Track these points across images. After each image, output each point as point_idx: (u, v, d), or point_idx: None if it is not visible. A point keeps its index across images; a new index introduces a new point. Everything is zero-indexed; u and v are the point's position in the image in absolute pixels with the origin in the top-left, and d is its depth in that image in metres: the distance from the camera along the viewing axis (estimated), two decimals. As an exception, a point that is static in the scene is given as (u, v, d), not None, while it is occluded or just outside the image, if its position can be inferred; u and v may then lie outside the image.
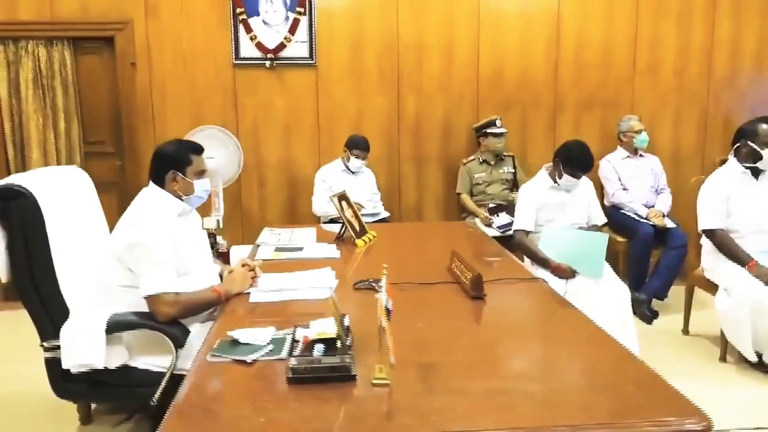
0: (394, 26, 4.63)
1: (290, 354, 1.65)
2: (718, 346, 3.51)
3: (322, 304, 2.16)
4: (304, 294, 2.22)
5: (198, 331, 2.13)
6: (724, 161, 4.91)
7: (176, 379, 2.07)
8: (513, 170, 4.63)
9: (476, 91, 4.76)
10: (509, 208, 4.46)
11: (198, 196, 2.29)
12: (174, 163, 2.23)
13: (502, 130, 4.51)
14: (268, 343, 1.74)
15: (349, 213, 3.11)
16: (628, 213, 4.41)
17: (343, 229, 3.16)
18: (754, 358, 3.26)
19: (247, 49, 4.54)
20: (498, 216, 4.35)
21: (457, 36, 4.69)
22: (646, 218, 4.31)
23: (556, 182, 3.46)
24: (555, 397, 1.49)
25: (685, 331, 3.87)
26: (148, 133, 4.61)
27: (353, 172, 4.45)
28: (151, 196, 2.22)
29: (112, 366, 2.05)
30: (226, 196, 4.48)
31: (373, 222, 4.09)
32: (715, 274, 3.47)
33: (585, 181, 3.52)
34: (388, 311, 1.58)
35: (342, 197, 3.15)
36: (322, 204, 4.41)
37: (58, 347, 2.05)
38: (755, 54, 4.90)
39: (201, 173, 2.29)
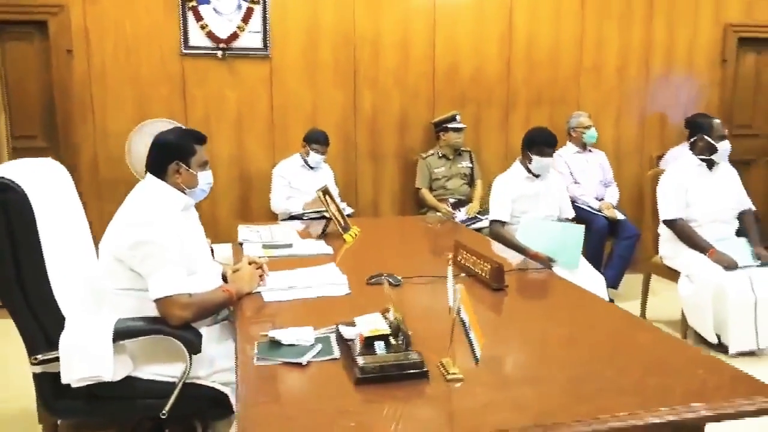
0: (350, 19, 4.53)
1: (345, 353, 1.55)
2: (675, 330, 3.68)
3: (342, 301, 2.06)
4: (319, 291, 2.11)
5: (205, 336, 1.96)
6: (660, 157, 5.21)
7: (188, 389, 1.92)
8: (471, 165, 4.66)
9: (432, 87, 4.75)
10: (469, 203, 4.50)
11: (201, 188, 2.11)
12: (177, 153, 2.04)
13: (462, 125, 4.53)
14: (314, 344, 1.62)
15: (333, 208, 2.99)
16: (581, 206, 4.54)
17: (327, 224, 3.04)
18: (714, 340, 3.44)
19: (197, 38, 4.29)
20: (460, 211, 4.37)
21: (413, 31, 4.66)
22: (598, 210, 4.47)
23: (530, 173, 3.50)
24: (629, 383, 1.47)
25: (643, 316, 4.03)
26: (86, 127, 4.26)
27: (312, 168, 4.31)
28: (152, 190, 2.01)
29: (117, 378, 1.84)
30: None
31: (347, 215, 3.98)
32: (677, 261, 3.64)
33: (555, 174, 3.59)
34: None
35: (326, 192, 3.03)
36: (281, 201, 4.24)
37: (52, 360, 1.82)
38: (686, 54, 5.20)
39: (204, 164, 2.11)
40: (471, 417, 1.30)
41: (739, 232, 3.65)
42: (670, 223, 3.61)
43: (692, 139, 3.67)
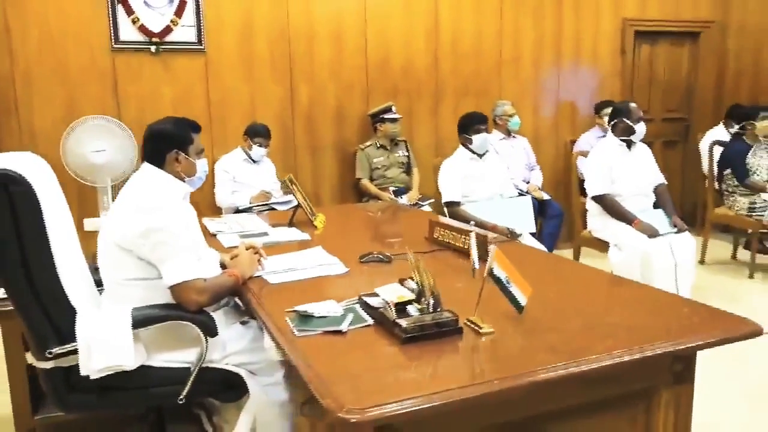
0: (284, 13, 4.57)
1: (379, 319, 1.66)
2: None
3: (343, 278, 2.15)
4: (319, 271, 2.19)
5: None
6: (573, 142, 5.64)
7: (202, 373, 1.95)
8: (407, 154, 4.84)
9: (366, 80, 4.89)
10: (408, 190, 4.69)
11: (199, 176, 2.13)
12: (176, 142, 2.05)
13: (398, 115, 4.70)
14: (344, 314, 1.72)
15: (300, 196, 3.06)
16: (511, 189, 4.87)
17: (295, 211, 3.10)
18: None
19: (128, 32, 4.17)
20: (401, 198, 4.54)
21: (346, 25, 4.77)
22: (527, 192, 4.79)
23: (474, 153, 3.73)
24: (630, 324, 1.69)
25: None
26: (10, 126, 4.03)
27: (255, 161, 4.33)
28: (153, 179, 2.01)
29: (133, 367, 1.84)
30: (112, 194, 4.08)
31: (288, 209, 4.03)
32: (606, 233, 4.00)
33: (496, 156, 3.84)
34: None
35: (292, 180, 3.09)
36: (227, 195, 4.24)
37: (66, 354, 1.79)
38: (591, 46, 5.66)
39: (201, 152, 2.13)
40: (515, 360, 1.46)
41: (655, 205, 4.08)
42: (598, 198, 3.96)
43: (613, 122, 4.04)
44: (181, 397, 1.93)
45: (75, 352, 1.80)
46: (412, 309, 1.65)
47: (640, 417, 1.61)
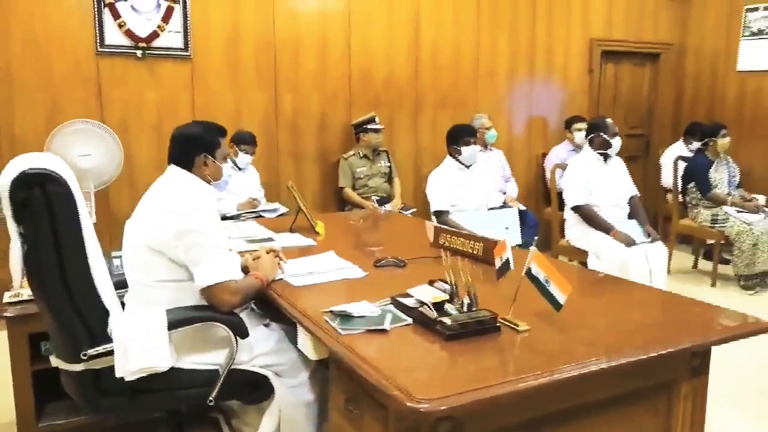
0: (270, 22, 4.61)
1: (417, 318, 1.73)
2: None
3: (363, 282, 2.21)
4: (339, 275, 2.24)
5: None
6: (544, 155, 5.84)
7: (230, 374, 1.97)
8: (389, 164, 4.93)
9: (349, 90, 4.96)
10: (390, 200, 4.78)
11: (225, 180, 2.16)
12: (205, 146, 2.07)
13: (381, 126, 4.79)
14: (381, 314, 1.78)
15: (300, 203, 3.10)
16: (488, 199, 5.01)
17: (296, 217, 3.13)
18: (619, 307, 4.01)
19: (114, 37, 4.13)
20: (385, 207, 4.62)
21: (330, 36, 4.84)
22: (504, 203, 4.94)
23: (461, 164, 3.85)
24: (651, 323, 1.81)
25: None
26: (-11, 130, 3.92)
27: (241, 169, 4.33)
28: (184, 181, 2.03)
29: (167, 368, 1.85)
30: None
31: (276, 216, 4.05)
32: (584, 242, 4.18)
33: (482, 167, 3.97)
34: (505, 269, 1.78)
35: (292, 187, 3.13)
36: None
37: (102, 355, 1.79)
38: (562, 64, 5.90)
39: (226, 157, 2.16)
40: (556, 355, 1.55)
41: (629, 215, 4.28)
42: (578, 209, 4.13)
43: (590, 137, 4.23)
44: (211, 398, 1.94)
45: (109, 353, 1.80)
46: (450, 308, 1.72)
47: (662, 408, 1.73)
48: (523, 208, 5.02)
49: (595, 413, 1.62)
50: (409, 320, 1.74)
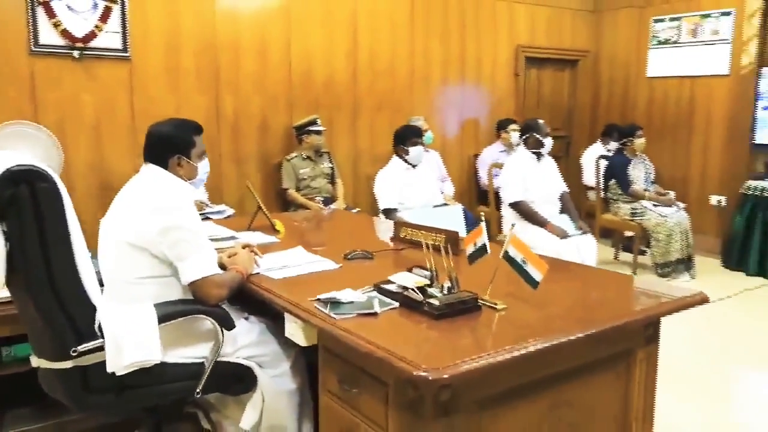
0: (210, 24, 4.60)
1: (403, 302, 1.85)
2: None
3: (337, 273, 2.30)
4: (313, 267, 2.32)
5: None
6: (476, 156, 6.10)
7: (215, 367, 2.01)
8: (331, 165, 5.02)
9: (289, 93, 5.01)
10: (333, 200, 4.87)
11: (201, 178, 2.19)
12: (179, 146, 2.10)
13: (322, 128, 4.87)
14: (368, 299, 1.88)
15: (260, 202, 3.14)
16: (427, 198, 5.19)
17: (255, 216, 3.17)
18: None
19: (49, 36, 4.00)
20: (330, 207, 4.70)
21: (271, 39, 4.88)
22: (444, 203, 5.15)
23: (408, 163, 4.00)
24: (607, 301, 2.01)
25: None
26: None
27: (185, 172, 4.29)
28: (163, 179, 2.05)
29: (159, 361, 1.87)
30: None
31: (224, 218, 4.05)
32: (521, 236, 4.35)
33: (427, 166, 4.14)
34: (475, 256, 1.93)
35: (250, 186, 3.16)
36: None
37: (91, 351, 1.79)
38: (490, 69, 6.19)
39: (203, 154, 2.19)
40: (534, 328, 1.71)
41: (561, 210, 4.58)
42: (515, 205, 4.39)
43: (525, 137, 4.50)
44: (198, 391, 1.98)
45: (99, 349, 1.80)
46: (433, 291, 1.85)
47: (623, 372, 1.92)
48: (461, 207, 5.24)
49: (569, 379, 1.78)
50: (396, 304, 1.86)
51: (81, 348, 1.77)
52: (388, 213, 3.91)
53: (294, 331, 1.92)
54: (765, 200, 5.34)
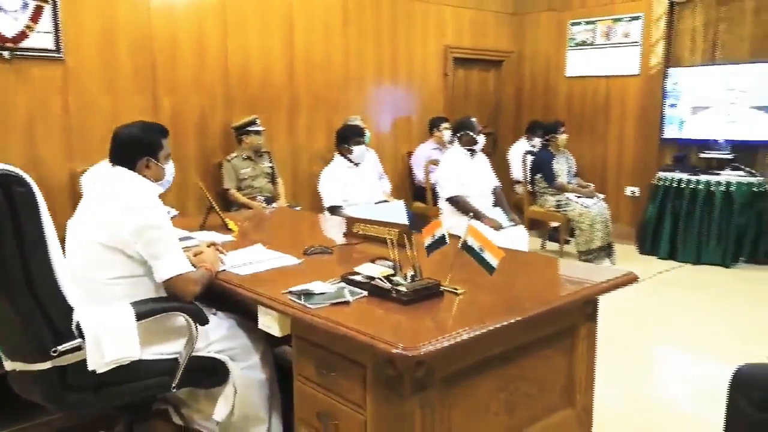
0: (146, 23, 4.56)
1: (372, 291, 1.99)
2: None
3: (300, 268, 2.41)
4: (276, 263, 2.42)
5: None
6: (410, 153, 6.31)
7: (189, 361, 2.09)
8: (271, 165, 5.08)
9: (227, 92, 5.03)
10: (275, 200, 4.94)
11: (167, 180, 2.24)
12: (147, 149, 2.15)
13: (262, 128, 4.93)
14: (338, 290, 2.01)
15: (213, 202, 3.19)
16: (366, 195, 5.34)
17: (207, 215, 3.22)
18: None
19: (-24, 36, 3.87)
20: (272, 206, 4.77)
21: (207, 39, 4.88)
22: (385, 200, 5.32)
23: (351, 162, 4.14)
24: (550, 282, 2.23)
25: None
26: None
27: (124, 173, 4.25)
28: (132, 180, 2.09)
29: (139, 357, 1.93)
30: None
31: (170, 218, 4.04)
32: (458, 229, 4.52)
33: (369, 164, 4.29)
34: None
35: (201, 186, 3.20)
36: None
37: (70, 351, 1.83)
38: (421, 69, 6.42)
39: (168, 156, 2.25)
40: (492, 309, 1.90)
41: (494, 204, 4.84)
42: (452, 200, 4.61)
43: (459, 135, 4.73)
44: (174, 385, 2.05)
45: (77, 349, 1.84)
46: (399, 279, 2.00)
47: (567, 347, 2.15)
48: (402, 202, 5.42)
49: (522, 354, 1.98)
50: (365, 293, 1.99)
51: (62, 348, 1.81)
52: (334, 210, 4.03)
53: (268, 322, 2.02)
54: (674, 190, 5.83)
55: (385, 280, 1.99)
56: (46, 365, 1.84)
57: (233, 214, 4.63)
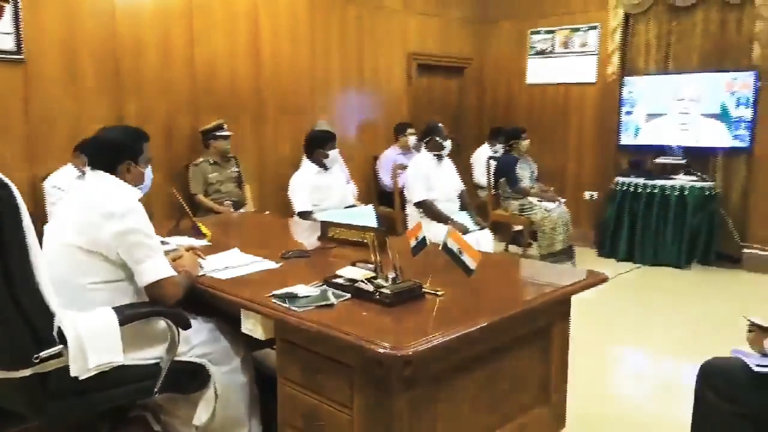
0: (110, 26, 4.49)
1: (355, 293, 2.03)
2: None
3: (279, 271, 2.43)
4: (255, 267, 2.44)
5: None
6: (376, 157, 6.36)
7: (170, 366, 2.08)
8: (238, 169, 5.05)
9: (194, 96, 4.99)
10: (243, 204, 4.92)
11: (146, 184, 2.23)
12: (128, 153, 2.14)
13: (229, 132, 4.90)
14: (322, 293, 2.04)
15: (186, 207, 3.17)
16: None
17: (179, 221, 3.19)
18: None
19: (-67, 37, 3.75)
20: (240, 211, 4.75)
21: (174, 43, 4.84)
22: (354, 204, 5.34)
23: (321, 166, 4.15)
24: (525, 283, 2.31)
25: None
26: None
27: (89, 178, 4.17)
28: (113, 184, 2.08)
29: (121, 362, 1.91)
30: None
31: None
32: (426, 233, 4.69)
33: (339, 168, 4.32)
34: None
35: (175, 192, 3.18)
36: (61, 214, 4.02)
37: (52, 357, 1.80)
38: (386, 75, 6.48)
39: (149, 161, 2.24)
40: (475, 310, 1.96)
41: (461, 207, 4.93)
42: (420, 204, 4.68)
43: (426, 140, 4.80)
44: (156, 390, 2.04)
45: (58, 355, 1.82)
46: (381, 282, 2.04)
47: (543, 347, 2.23)
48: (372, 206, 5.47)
49: (502, 353, 2.05)
50: (348, 295, 2.03)
51: (44, 354, 1.79)
52: (304, 215, 4.04)
53: (252, 326, 2.04)
54: (631, 194, 6.04)
55: (368, 283, 2.03)
56: (27, 372, 1.81)
57: (201, 219, 4.61)
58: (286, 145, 5.65)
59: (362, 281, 2.04)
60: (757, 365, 1.77)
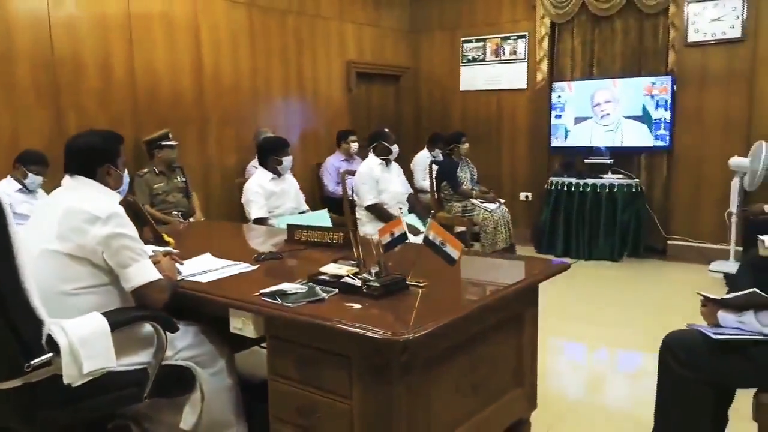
0: (46, 37, 4.35)
1: (342, 288, 2.09)
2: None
3: (256, 273, 2.46)
4: (232, 270, 2.46)
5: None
6: (320, 165, 6.42)
7: (157, 371, 2.08)
8: (185, 179, 4.98)
9: (135, 109, 4.90)
10: (191, 214, 4.86)
11: (123, 188, 2.22)
12: (107, 157, 2.12)
13: (175, 142, 4.84)
14: (311, 289, 2.09)
15: (148, 216, 3.13)
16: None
17: (141, 230, 3.14)
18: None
19: None
20: (189, 221, 4.69)
21: (114, 56, 4.74)
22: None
23: (275, 173, 4.17)
24: (505, 271, 2.45)
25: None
26: None
27: (30, 191, 4.04)
28: (94, 189, 2.06)
29: (114, 367, 1.90)
30: None
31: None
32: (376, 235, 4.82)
33: (289, 175, 4.35)
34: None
35: (133, 200, 3.14)
36: None
37: (37, 368, 1.77)
38: (326, 84, 6.56)
39: (125, 163, 2.22)
40: (458, 299, 2.08)
41: (410, 210, 5.06)
42: (371, 207, 4.77)
43: (374, 145, 4.91)
44: (145, 395, 2.03)
45: (48, 364, 1.79)
46: (366, 276, 2.12)
47: (517, 331, 2.36)
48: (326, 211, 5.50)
49: (480, 340, 2.17)
50: (336, 290, 2.10)
51: (36, 362, 1.76)
52: (260, 222, 4.05)
53: (242, 324, 2.07)
54: (565, 194, 6.37)
55: (354, 278, 2.10)
56: (17, 383, 1.78)
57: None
58: (231, 155, 5.63)
59: (348, 276, 2.12)
60: (715, 334, 1.96)
